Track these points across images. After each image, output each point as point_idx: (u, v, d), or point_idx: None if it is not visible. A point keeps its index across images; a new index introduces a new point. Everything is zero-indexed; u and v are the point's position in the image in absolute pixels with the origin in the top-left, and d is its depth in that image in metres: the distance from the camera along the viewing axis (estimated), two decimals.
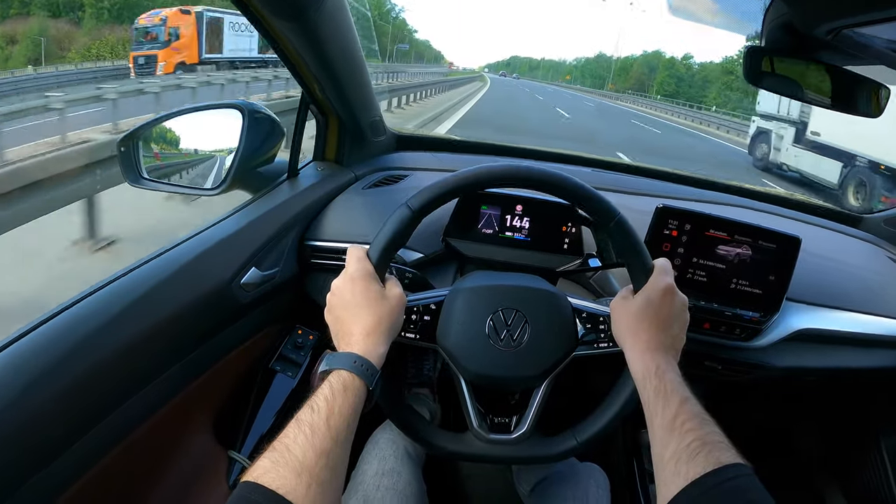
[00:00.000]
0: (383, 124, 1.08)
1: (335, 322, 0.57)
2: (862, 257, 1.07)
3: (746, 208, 1.10)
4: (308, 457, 0.43)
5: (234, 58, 19.00)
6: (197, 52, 17.96)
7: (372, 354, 0.53)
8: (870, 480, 1.08)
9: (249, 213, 0.81)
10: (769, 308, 0.83)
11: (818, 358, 0.89)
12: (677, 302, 0.57)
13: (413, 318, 0.62)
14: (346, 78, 0.85)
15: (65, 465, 0.53)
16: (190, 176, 0.91)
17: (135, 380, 0.61)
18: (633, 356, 0.56)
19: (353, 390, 0.49)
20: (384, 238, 0.57)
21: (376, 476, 0.73)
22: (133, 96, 7.39)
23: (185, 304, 0.66)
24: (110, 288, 0.62)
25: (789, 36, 0.71)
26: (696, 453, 0.44)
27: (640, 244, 0.59)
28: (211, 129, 0.89)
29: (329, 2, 0.66)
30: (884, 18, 0.53)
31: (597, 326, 0.63)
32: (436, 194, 0.58)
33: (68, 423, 0.53)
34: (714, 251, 0.82)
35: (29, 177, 2.34)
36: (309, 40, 0.72)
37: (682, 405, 0.49)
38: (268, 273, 0.79)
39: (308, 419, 0.46)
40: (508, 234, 0.87)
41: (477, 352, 0.61)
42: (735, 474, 0.43)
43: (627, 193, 1.03)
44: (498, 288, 0.64)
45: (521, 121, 13.20)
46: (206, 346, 0.72)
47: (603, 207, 0.59)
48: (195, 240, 0.73)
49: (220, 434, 0.80)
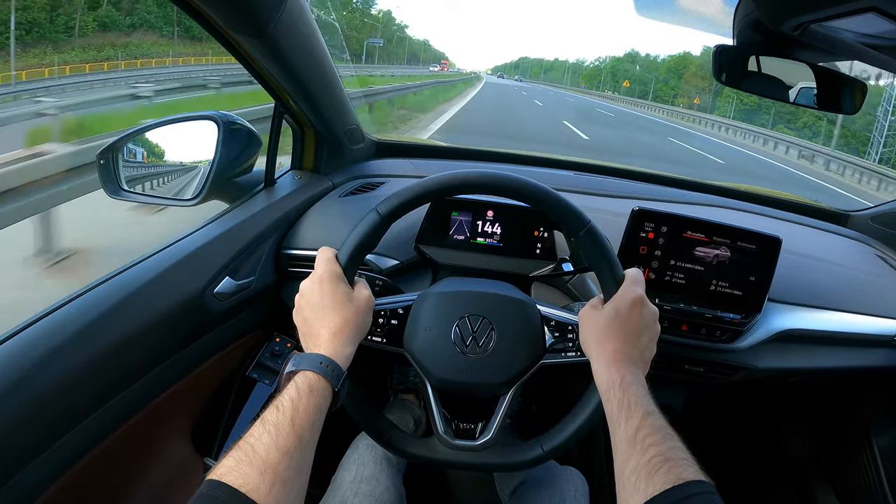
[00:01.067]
0: (361, 132, 1.08)
1: (303, 323, 0.57)
2: (848, 256, 1.05)
3: (728, 208, 1.09)
4: (272, 456, 0.43)
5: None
6: None
7: (338, 356, 0.53)
8: (861, 479, 1.06)
9: (224, 222, 0.81)
10: (750, 309, 0.82)
11: (803, 358, 0.88)
12: (647, 313, 0.56)
13: (380, 322, 0.62)
14: (316, 89, 0.85)
15: (34, 474, 0.54)
16: (168, 187, 0.92)
17: (108, 388, 0.62)
18: (599, 367, 0.55)
19: (318, 391, 0.49)
20: (353, 241, 0.58)
21: (354, 482, 0.73)
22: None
23: (158, 313, 0.67)
24: (84, 298, 0.62)
25: (760, 34, 0.70)
26: (657, 469, 0.43)
27: (610, 253, 0.58)
28: (188, 140, 0.89)
29: (286, 16, 0.66)
30: (845, 12, 0.52)
31: (565, 335, 0.62)
32: (404, 200, 0.58)
33: (38, 432, 0.54)
34: (692, 253, 0.81)
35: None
36: (272, 54, 0.72)
37: (644, 419, 0.48)
38: (243, 282, 0.79)
39: (273, 419, 0.46)
40: (480, 239, 0.87)
41: (442, 357, 0.61)
42: (696, 492, 0.41)
43: (605, 196, 1.02)
44: (465, 294, 0.64)
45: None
46: (182, 354, 0.73)
47: (573, 216, 0.58)
48: (169, 250, 0.74)
49: (198, 441, 0.81)
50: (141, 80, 13.81)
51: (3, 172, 2.24)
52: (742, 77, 0.80)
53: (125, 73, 18.23)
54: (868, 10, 0.46)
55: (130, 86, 10.92)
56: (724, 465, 1.18)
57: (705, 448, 0.45)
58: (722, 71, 0.75)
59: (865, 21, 0.53)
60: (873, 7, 0.45)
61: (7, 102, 9.87)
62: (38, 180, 2.39)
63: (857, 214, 1.20)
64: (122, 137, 0.88)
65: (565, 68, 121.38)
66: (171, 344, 0.70)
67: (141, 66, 22.96)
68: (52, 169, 2.48)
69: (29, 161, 2.43)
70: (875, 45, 0.61)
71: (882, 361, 0.90)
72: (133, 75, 16.46)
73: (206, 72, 16.65)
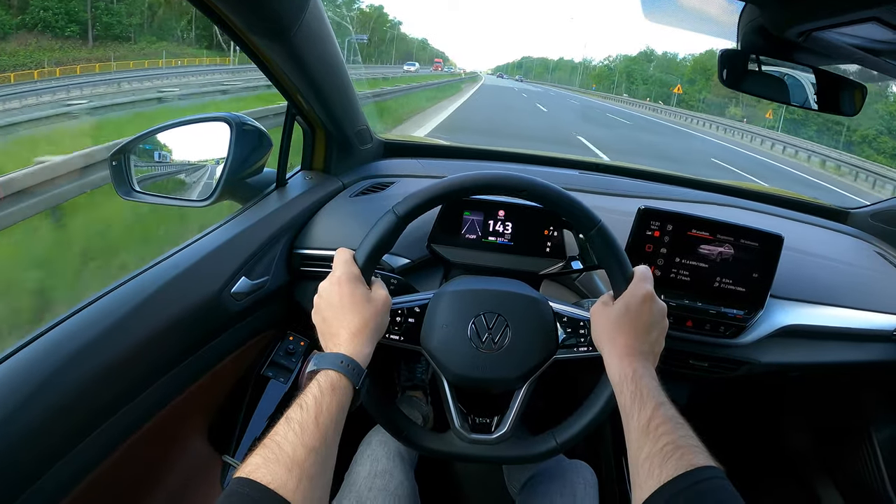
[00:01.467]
0: (370, 132, 1.09)
1: (322, 323, 0.59)
2: (848, 253, 1.08)
3: (732, 206, 1.11)
4: (298, 453, 0.44)
5: None
6: None
7: (358, 355, 0.55)
8: (861, 473, 1.09)
9: (239, 223, 0.82)
10: (753, 305, 0.84)
11: (804, 353, 0.90)
12: (656, 309, 0.59)
13: (397, 321, 0.64)
14: (330, 91, 0.86)
15: (59, 475, 0.55)
16: (180, 188, 0.93)
17: (128, 390, 0.63)
18: (611, 361, 0.58)
19: (340, 389, 0.51)
20: (371, 242, 0.59)
21: (368, 477, 0.75)
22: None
23: (177, 314, 0.68)
24: (102, 301, 0.64)
25: (763, 39, 0.72)
26: (670, 456, 0.46)
27: (620, 251, 0.60)
28: (200, 141, 0.90)
29: (308, 20, 0.67)
30: (848, 21, 0.54)
31: (577, 331, 0.64)
32: (421, 201, 0.60)
33: (62, 434, 0.55)
34: (697, 251, 0.83)
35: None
36: (291, 58, 0.73)
37: (656, 409, 0.50)
38: (258, 282, 0.81)
39: (298, 417, 0.47)
40: (491, 238, 0.89)
41: (459, 354, 0.62)
42: (707, 476, 0.44)
43: (612, 195, 1.04)
44: (480, 292, 0.65)
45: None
46: (200, 354, 0.74)
47: (584, 216, 0.60)
48: (186, 251, 0.75)
49: (215, 439, 0.82)
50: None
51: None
52: (743, 77, 0.82)
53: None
54: (870, 20, 0.48)
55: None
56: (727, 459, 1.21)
57: (709, 442, 0.47)
58: (730, 74, 0.77)
59: (867, 30, 0.55)
60: (875, 17, 0.47)
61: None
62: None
63: (857, 212, 1.22)
64: (134, 139, 0.89)
65: (570, 68, 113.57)
66: (189, 344, 0.72)
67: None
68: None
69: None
70: (876, 50, 0.63)
71: (882, 356, 0.92)
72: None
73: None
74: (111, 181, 0.89)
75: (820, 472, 1.19)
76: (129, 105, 8.78)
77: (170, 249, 0.76)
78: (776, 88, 0.85)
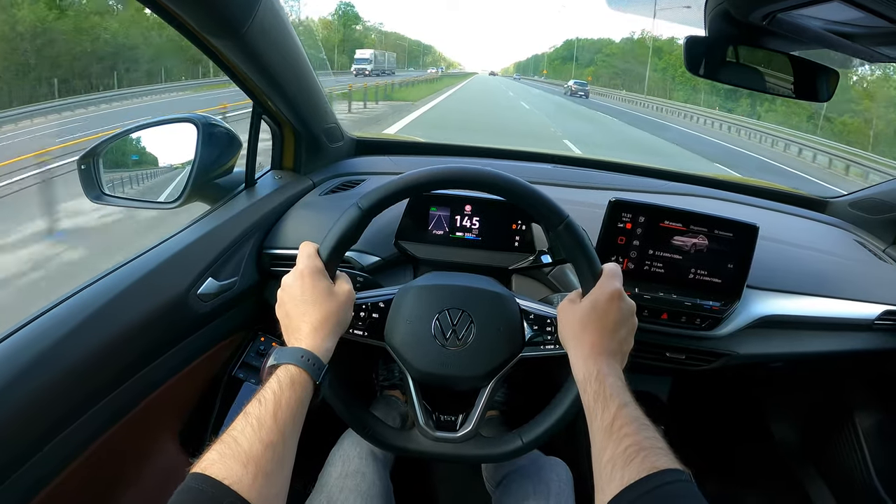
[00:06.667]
0: (340, 130, 1.08)
1: (284, 317, 0.58)
2: (827, 242, 1.06)
3: (707, 197, 1.10)
4: (255, 448, 0.43)
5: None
6: None
7: (319, 349, 0.54)
8: (846, 461, 1.08)
9: (205, 224, 0.82)
10: (730, 297, 0.83)
11: (784, 344, 0.89)
12: (624, 307, 0.57)
13: (361, 316, 0.63)
14: (293, 89, 0.85)
15: (26, 478, 0.54)
16: (149, 190, 0.92)
17: (97, 391, 0.62)
18: (576, 360, 0.56)
19: (299, 384, 0.50)
20: (334, 236, 0.58)
21: (340, 478, 0.74)
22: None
23: (144, 315, 0.68)
24: (68, 303, 0.63)
25: (730, 24, 0.70)
26: (632, 458, 0.44)
27: (588, 248, 0.59)
28: (168, 143, 0.90)
29: (261, 15, 0.66)
30: (811, 1, 0.53)
31: (544, 328, 0.63)
32: (383, 195, 0.59)
33: (29, 437, 0.55)
34: (670, 242, 0.82)
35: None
36: (248, 56, 0.72)
37: (620, 409, 0.49)
38: (226, 282, 0.80)
39: (255, 412, 0.46)
40: (459, 234, 0.88)
41: (423, 350, 0.61)
42: (669, 480, 0.42)
43: (584, 188, 1.02)
44: (445, 288, 0.64)
45: None
46: (169, 355, 0.73)
47: (550, 211, 0.59)
48: (151, 253, 0.74)
49: (186, 441, 0.81)
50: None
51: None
52: (719, 68, 0.81)
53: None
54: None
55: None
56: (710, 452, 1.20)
57: (692, 435, 0.46)
58: (698, 62, 0.75)
59: (831, 9, 0.54)
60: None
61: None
62: None
63: (835, 201, 1.20)
64: (102, 142, 0.88)
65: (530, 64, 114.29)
66: (157, 346, 0.71)
67: None
68: None
69: None
70: (841, 32, 0.62)
71: (863, 345, 0.91)
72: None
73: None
74: (80, 185, 0.89)
75: (805, 462, 1.19)
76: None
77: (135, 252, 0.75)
78: (751, 77, 0.84)
